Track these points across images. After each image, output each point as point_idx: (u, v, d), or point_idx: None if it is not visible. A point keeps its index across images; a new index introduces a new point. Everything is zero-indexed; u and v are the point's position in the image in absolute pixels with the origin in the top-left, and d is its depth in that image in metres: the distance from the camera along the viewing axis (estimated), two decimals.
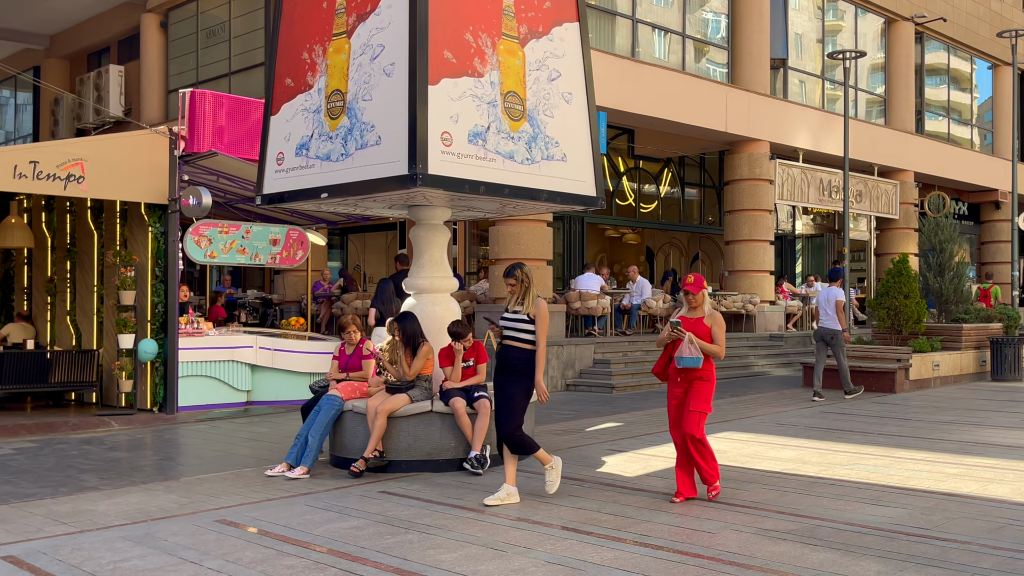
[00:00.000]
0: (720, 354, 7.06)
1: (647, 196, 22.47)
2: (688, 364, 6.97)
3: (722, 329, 7.09)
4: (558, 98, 8.78)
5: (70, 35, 22.18)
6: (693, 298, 7.18)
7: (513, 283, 7.13)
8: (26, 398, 13.00)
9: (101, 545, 5.75)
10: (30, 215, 14.37)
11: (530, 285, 7.15)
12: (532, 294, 7.12)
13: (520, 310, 7.08)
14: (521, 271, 7.12)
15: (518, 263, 7.23)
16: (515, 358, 7.06)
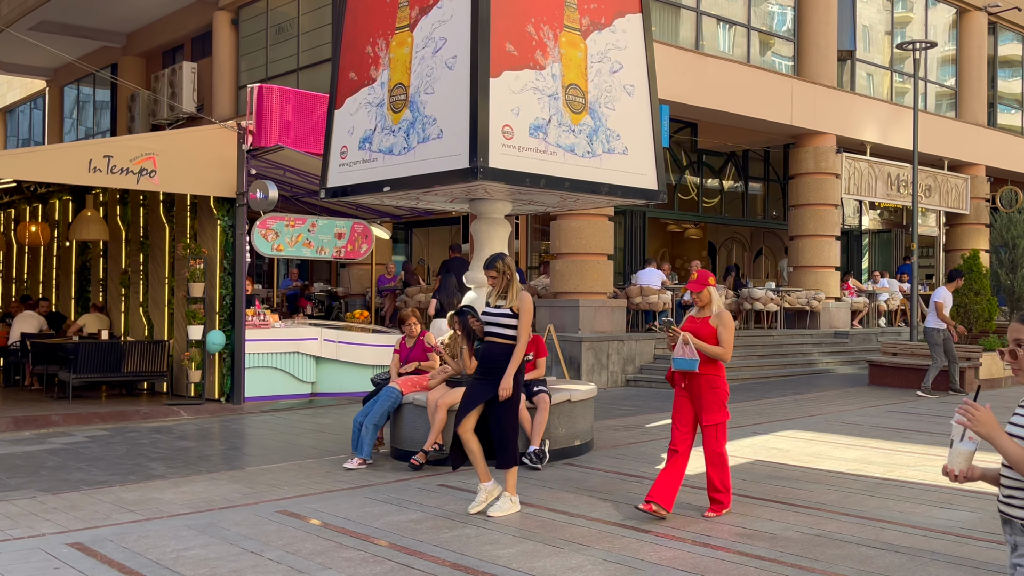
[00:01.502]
0: (724, 357, 6.41)
1: (710, 190, 22.12)
2: (682, 367, 6.39)
3: (729, 331, 6.44)
4: (620, 90, 8.63)
5: (146, 33, 22.59)
6: (698, 296, 6.60)
7: (494, 275, 6.56)
8: (101, 387, 13.27)
9: (166, 533, 5.80)
10: (105, 209, 14.65)
11: (513, 277, 6.56)
12: (516, 286, 6.55)
13: (503, 304, 6.49)
14: (503, 262, 6.58)
15: (499, 253, 6.73)
16: (497, 355, 6.42)
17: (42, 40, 21.01)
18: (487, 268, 6.59)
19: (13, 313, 15.07)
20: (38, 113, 28.80)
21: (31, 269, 17.62)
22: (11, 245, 18.09)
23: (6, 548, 5.47)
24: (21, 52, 23.71)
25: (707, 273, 6.59)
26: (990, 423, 2.83)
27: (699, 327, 6.48)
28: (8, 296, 18.13)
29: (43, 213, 16.58)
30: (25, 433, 10.03)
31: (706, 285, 6.56)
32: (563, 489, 7.14)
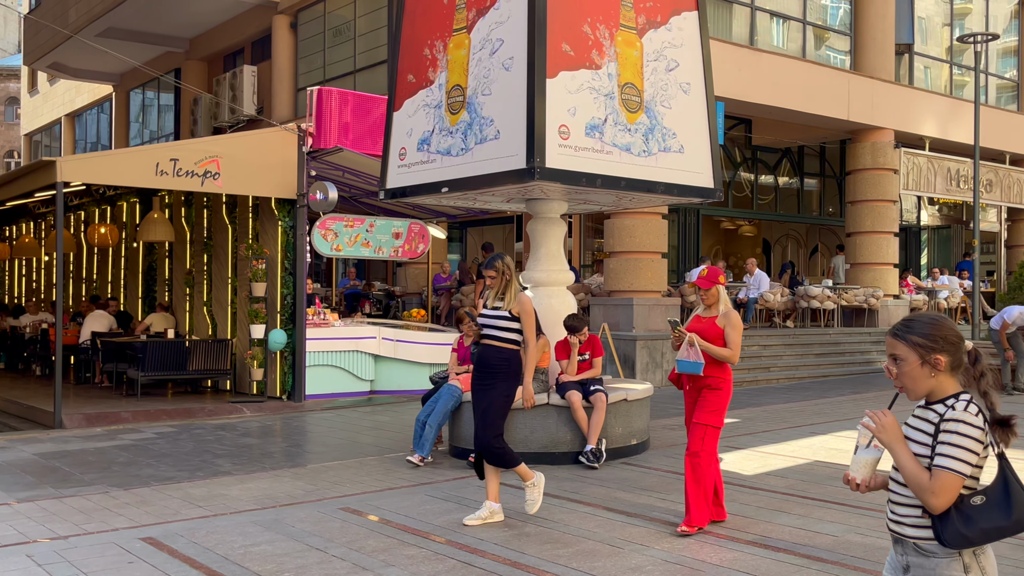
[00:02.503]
0: (731, 359, 6.01)
1: (764, 187, 21.83)
2: (687, 370, 6.05)
3: (737, 331, 6.06)
4: (676, 89, 8.55)
5: (208, 38, 22.95)
6: (705, 295, 6.22)
7: (493, 275, 6.25)
8: (167, 384, 13.53)
9: (233, 529, 5.89)
10: (171, 210, 14.93)
11: (512, 278, 6.25)
12: (514, 288, 6.23)
13: (500, 306, 6.21)
14: (502, 262, 6.24)
15: (499, 253, 6.38)
16: (493, 359, 6.18)
17: (109, 46, 21.47)
18: (486, 268, 6.30)
19: (84, 313, 15.43)
20: (105, 117, 29.44)
21: (100, 270, 18.03)
22: (81, 246, 18.52)
23: (82, 542, 5.61)
24: (89, 58, 24.25)
25: (717, 270, 6.27)
26: (894, 431, 2.66)
27: (705, 327, 6.11)
28: (79, 296, 18.57)
29: (112, 215, 16.94)
30: (97, 429, 10.27)
31: (715, 283, 6.18)
32: (620, 488, 7.11)
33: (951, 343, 2.67)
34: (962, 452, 2.54)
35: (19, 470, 7.95)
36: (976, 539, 2.56)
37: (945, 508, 2.55)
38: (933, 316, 2.74)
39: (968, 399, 2.64)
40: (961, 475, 2.54)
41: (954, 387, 2.69)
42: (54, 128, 33.53)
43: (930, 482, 2.56)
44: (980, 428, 2.58)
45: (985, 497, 2.58)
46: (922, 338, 2.67)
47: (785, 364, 15.71)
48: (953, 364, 2.68)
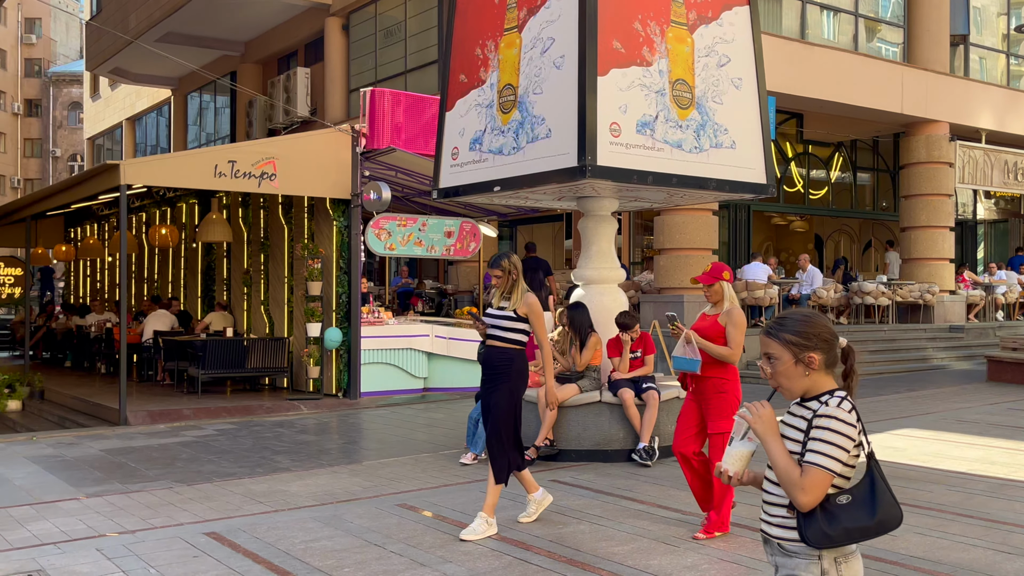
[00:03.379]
0: (731, 358, 5.74)
1: (816, 182, 21.50)
2: (682, 367, 5.80)
3: (739, 330, 5.77)
4: (727, 84, 8.46)
5: (262, 41, 23.24)
6: (709, 291, 5.95)
7: (499, 274, 6.01)
8: (226, 382, 13.75)
9: (294, 525, 5.97)
10: (229, 211, 15.15)
11: (519, 277, 6.01)
12: (520, 288, 5.98)
13: (506, 306, 5.97)
14: (508, 261, 6.01)
15: (505, 252, 6.11)
16: (496, 359, 5.95)
17: (167, 51, 21.86)
18: (492, 266, 6.06)
19: (146, 312, 15.74)
20: (164, 120, 29.97)
21: (161, 270, 18.37)
22: (143, 247, 18.89)
23: (149, 536, 5.73)
24: (148, 63, 24.72)
25: (722, 266, 6.00)
26: (769, 424, 2.57)
27: (708, 325, 5.86)
28: (141, 296, 18.95)
29: (172, 216, 17.25)
30: (160, 426, 10.47)
31: (718, 279, 5.91)
32: (674, 487, 7.06)
33: (825, 340, 2.62)
34: (832, 449, 2.48)
35: (87, 466, 8.14)
36: (839, 538, 2.49)
37: (813, 505, 2.49)
38: (806, 313, 2.67)
39: (843, 396, 2.58)
40: (831, 472, 2.48)
41: (830, 384, 2.63)
42: (115, 132, 34.22)
43: (800, 478, 2.49)
44: (852, 425, 2.52)
45: (851, 496, 2.52)
46: (795, 336, 2.61)
47: None
48: (828, 362, 2.62)
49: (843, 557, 2.56)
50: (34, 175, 56.70)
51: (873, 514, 2.50)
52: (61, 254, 20.99)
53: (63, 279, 26.03)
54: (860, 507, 2.51)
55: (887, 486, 2.56)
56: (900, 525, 2.58)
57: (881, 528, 2.53)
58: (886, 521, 2.53)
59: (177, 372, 13.75)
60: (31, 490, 7.13)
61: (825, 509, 2.50)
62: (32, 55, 57.69)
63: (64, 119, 56.29)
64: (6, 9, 54.52)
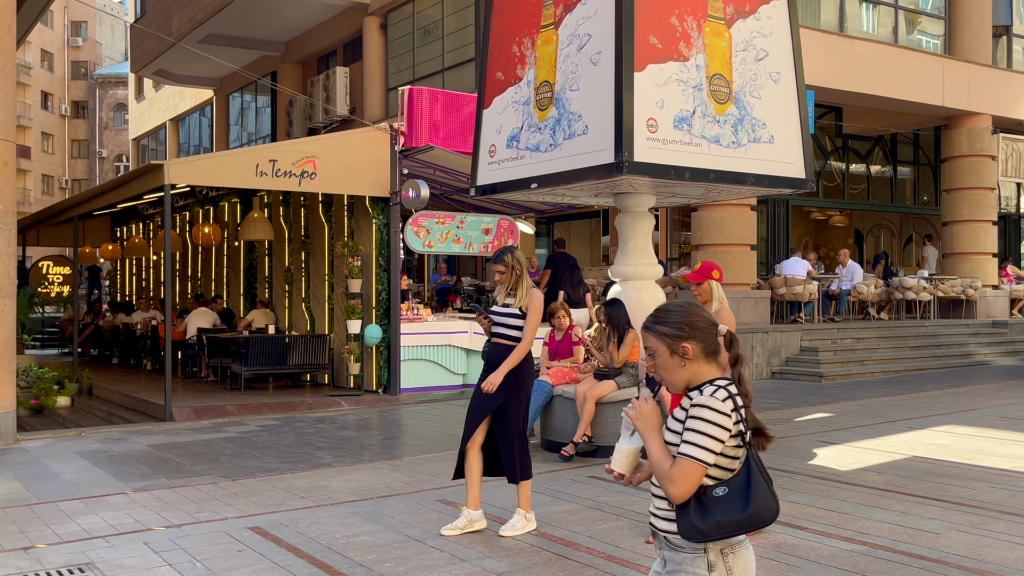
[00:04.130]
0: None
1: (856, 176, 21.22)
2: None
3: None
4: (765, 78, 8.38)
5: (302, 41, 23.42)
6: (697, 290, 5.66)
7: (502, 269, 5.76)
8: (268, 378, 13.88)
9: (335, 520, 6.01)
10: (270, 210, 15.29)
11: (523, 273, 5.75)
12: (525, 284, 5.75)
13: (511, 303, 5.75)
14: (511, 256, 5.74)
15: (509, 246, 5.85)
16: (500, 358, 5.73)
17: (209, 52, 22.11)
18: (494, 262, 5.83)
19: (189, 309, 15.94)
20: (206, 120, 30.33)
21: (204, 268, 18.59)
22: (187, 246, 19.13)
23: (194, 531, 5.80)
24: (191, 64, 25.02)
25: (711, 264, 5.70)
26: (649, 419, 2.49)
27: None
28: (185, 293, 19.19)
29: (214, 215, 17.45)
30: (204, 422, 10.60)
31: (707, 277, 5.61)
32: None
33: (700, 330, 2.56)
34: (703, 439, 2.41)
35: (134, 461, 8.27)
36: (711, 532, 2.42)
37: (685, 497, 2.43)
38: (682, 304, 2.62)
39: (721, 385, 2.50)
40: (701, 463, 2.41)
41: (713, 373, 2.56)
42: (159, 132, 34.70)
43: (669, 470, 2.43)
44: (726, 415, 2.44)
45: (728, 489, 2.44)
46: (669, 327, 2.57)
47: (880, 357, 15.26)
48: (706, 351, 2.56)
49: (729, 548, 2.49)
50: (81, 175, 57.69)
51: (745, 508, 2.42)
52: (108, 253, 21.32)
53: (109, 277, 26.46)
54: (733, 500, 2.43)
55: (765, 478, 2.48)
56: (776, 519, 2.49)
57: (754, 521, 2.44)
58: (759, 514, 2.44)
59: (220, 369, 13.90)
60: (80, 484, 7.25)
61: (700, 502, 2.43)
62: (78, 58, 58.68)
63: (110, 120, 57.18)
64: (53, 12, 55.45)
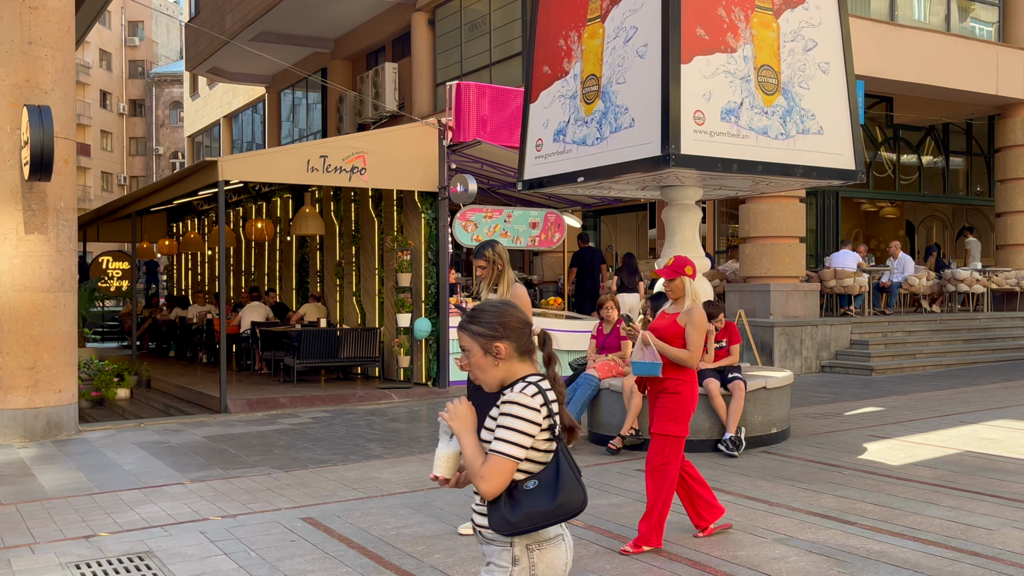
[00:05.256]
0: (688, 362, 5.20)
1: (907, 166, 20.80)
2: (641, 372, 5.27)
3: (699, 331, 5.25)
4: (814, 69, 8.26)
5: (351, 38, 23.57)
6: (670, 286, 5.39)
7: (483, 264, 5.55)
8: (320, 371, 14.02)
9: (385, 511, 6.06)
10: (321, 205, 15.44)
11: (505, 268, 5.52)
12: (508, 278, 5.51)
13: (493, 299, 5.73)
14: (492, 250, 5.55)
15: (490, 240, 5.63)
16: None
17: (261, 50, 22.37)
18: (475, 256, 5.63)
19: (243, 303, 16.17)
20: (258, 117, 30.70)
21: (257, 262, 18.84)
22: (240, 240, 19.40)
23: (249, 521, 5.89)
24: (244, 62, 25.34)
25: (684, 260, 5.40)
26: (463, 420, 2.49)
27: (666, 325, 5.33)
28: (239, 288, 19.48)
29: (267, 211, 17.67)
30: (258, 414, 10.75)
31: (680, 273, 5.33)
32: (761, 477, 6.94)
33: (513, 329, 2.56)
34: (512, 434, 2.42)
35: (191, 452, 8.42)
36: (520, 524, 2.42)
37: (496, 493, 2.43)
38: (496, 304, 2.62)
39: (532, 381, 2.50)
40: (511, 458, 2.42)
41: (526, 371, 2.56)
42: (213, 129, 35.20)
43: (480, 467, 2.43)
44: (535, 410, 2.44)
45: (538, 482, 2.45)
46: (482, 327, 2.57)
47: (931, 351, 14.97)
48: (520, 350, 2.56)
49: (535, 544, 2.49)
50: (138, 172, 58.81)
51: (555, 498, 2.44)
52: (164, 248, 21.71)
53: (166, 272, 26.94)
54: (543, 492, 2.45)
55: (573, 469, 2.49)
56: (584, 508, 2.48)
57: (563, 511, 2.45)
58: (567, 504, 2.45)
59: (273, 361, 14.07)
60: (139, 475, 7.41)
61: (512, 495, 2.45)
62: (135, 57, 59.76)
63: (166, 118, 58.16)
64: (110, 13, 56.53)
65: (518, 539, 2.48)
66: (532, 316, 5.45)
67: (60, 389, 9.24)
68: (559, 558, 2.53)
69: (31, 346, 9.05)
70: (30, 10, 9.08)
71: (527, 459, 2.46)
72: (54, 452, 8.42)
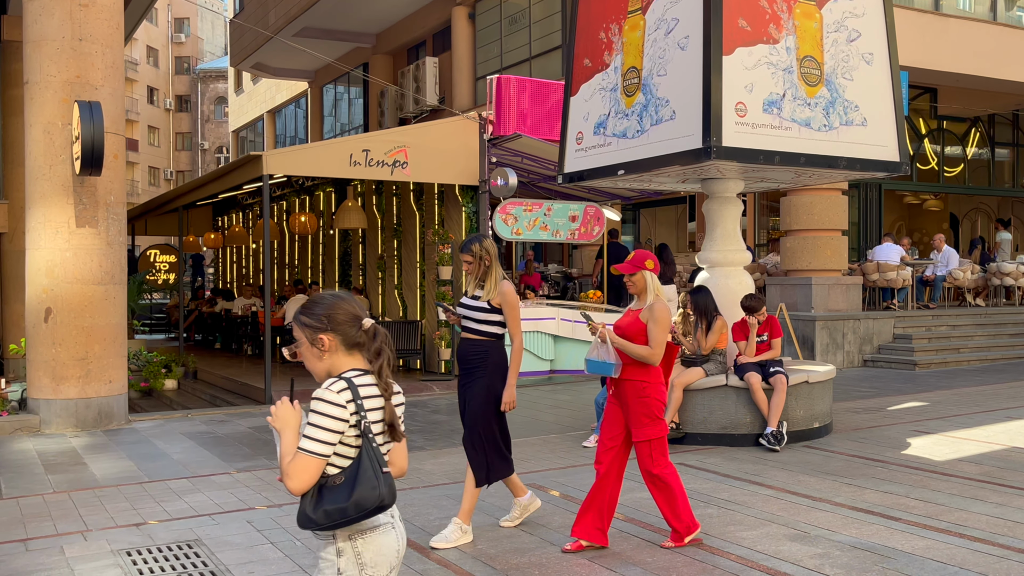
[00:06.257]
0: (649, 359, 4.97)
1: (952, 158, 20.42)
2: (596, 371, 5.09)
3: (661, 327, 4.99)
4: (858, 60, 8.13)
5: (392, 32, 23.65)
6: (630, 282, 5.15)
7: (470, 259, 5.32)
8: None
9: (428, 502, 6.09)
10: (363, 199, 15.53)
11: (492, 264, 5.30)
12: (495, 275, 5.31)
13: (480, 295, 5.33)
14: (479, 245, 5.30)
15: (477, 235, 5.42)
16: (471, 353, 5.44)
17: (304, 45, 22.51)
18: (462, 251, 5.39)
19: (287, 296, 16.32)
20: (301, 112, 30.95)
21: (301, 255, 19.00)
22: (284, 234, 19.58)
23: (294, 511, 5.93)
24: (287, 57, 25.53)
25: (645, 254, 5.18)
26: (285, 419, 2.45)
27: (629, 322, 5.10)
28: (282, 280, 19.66)
29: (310, 204, 17.81)
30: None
31: (640, 268, 5.11)
32: (803, 472, 6.86)
33: (339, 323, 2.54)
34: (316, 431, 2.41)
35: (237, 442, 8.52)
36: (320, 521, 2.41)
37: (302, 490, 2.41)
38: (327, 296, 2.59)
39: (345, 377, 2.48)
40: (315, 454, 2.39)
41: (352, 365, 2.55)
42: (257, 124, 35.55)
43: (287, 465, 2.41)
44: (341, 406, 2.43)
45: (345, 478, 2.44)
46: (310, 319, 2.56)
47: (976, 345, 14.69)
48: (346, 343, 2.56)
49: (358, 534, 2.49)
50: (184, 167, 59.60)
51: (349, 495, 2.42)
52: (210, 241, 21.98)
53: (212, 265, 27.28)
54: (342, 488, 2.44)
55: (374, 466, 2.46)
56: (379, 505, 2.45)
57: (358, 509, 2.43)
58: (361, 502, 2.43)
59: None
60: (187, 464, 7.51)
61: (319, 491, 2.44)
62: (181, 53, 60.51)
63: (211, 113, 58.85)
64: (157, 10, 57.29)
65: (340, 531, 2.50)
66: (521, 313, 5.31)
67: (110, 380, 9.40)
68: (388, 545, 2.53)
69: (83, 337, 9.21)
70: (81, 7, 9.22)
71: (337, 454, 2.45)
72: (105, 441, 8.57)
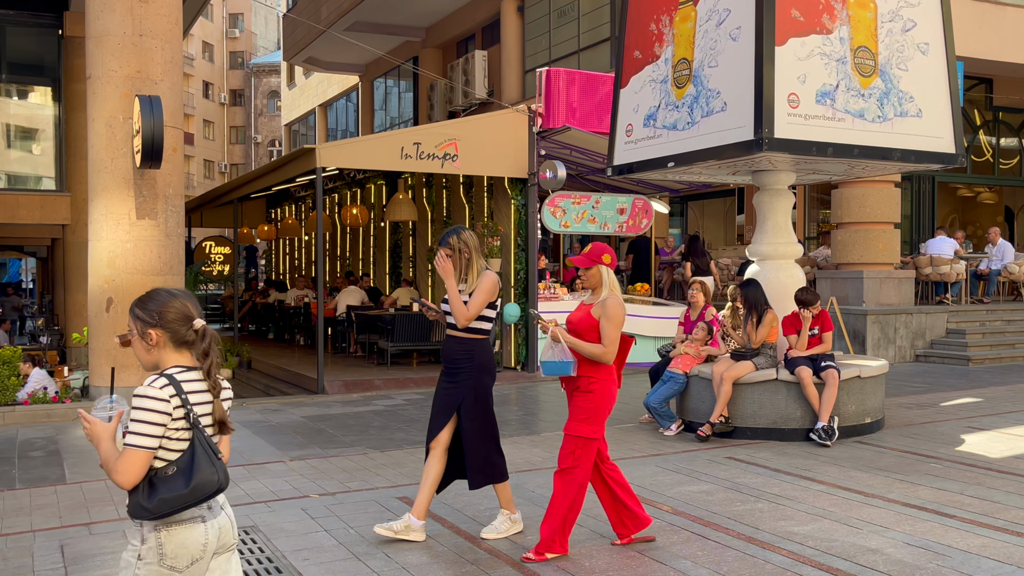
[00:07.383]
0: (602, 357, 4.68)
1: (1007, 150, 19.89)
2: (553, 372, 4.78)
3: (613, 324, 4.68)
4: (913, 50, 7.95)
5: (442, 26, 23.69)
6: (585, 275, 4.84)
7: (448, 252, 5.00)
8: (412, 354, 14.19)
9: (478, 492, 6.08)
10: (414, 191, 15.60)
11: (472, 256, 5.01)
12: (476, 267, 5.00)
13: (463, 289, 5.02)
14: (457, 238, 5.02)
15: (456, 227, 5.13)
16: (456, 351, 5.10)
17: (355, 39, 22.66)
18: (440, 245, 5.09)
19: (339, 287, 16.47)
20: (352, 106, 31.15)
21: (352, 247, 19.17)
22: (336, 226, 19.76)
23: (347, 499, 6.01)
24: (338, 51, 25.73)
25: (602, 247, 4.86)
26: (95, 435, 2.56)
27: (580, 317, 4.81)
28: (334, 272, 19.85)
29: (361, 197, 17.94)
30: (354, 395, 10.95)
31: (596, 262, 4.80)
32: (855, 468, 6.75)
33: (169, 321, 2.63)
34: (140, 426, 2.50)
35: (291, 431, 8.63)
36: (157, 509, 2.51)
37: (132, 484, 2.50)
38: (163, 292, 2.67)
39: (167, 374, 2.56)
40: (142, 449, 2.49)
41: (178, 362, 2.64)
42: (309, 118, 35.87)
43: (115, 463, 2.49)
44: (164, 400, 2.51)
45: (177, 468, 2.54)
46: (142, 312, 2.66)
47: (1014, 342, 14.31)
48: (174, 340, 2.65)
49: (164, 526, 2.56)
50: (238, 160, 60.42)
51: (189, 483, 2.53)
52: (263, 234, 22.27)
53: (265, 257, 27.63)
54: (179, 477, 2.53)
55: (208, 454, 2.57)
56: (217, 489, 2.57)
57: (198, 494, 2.54)
58: (200, 487, 2.54)
59: (368, 344, 14.30)
60: (244, 452, 7.62)
61: (151, 483, 2.53)
62: (235, 48, 61.30)
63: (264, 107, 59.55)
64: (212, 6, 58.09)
65: (147, 522, 2.58)
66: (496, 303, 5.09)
67: None
68: (192, 539, 2.60)
69: None
70: (141, 3, 9.38)
71: (163, 447, 2.54)
72: None
